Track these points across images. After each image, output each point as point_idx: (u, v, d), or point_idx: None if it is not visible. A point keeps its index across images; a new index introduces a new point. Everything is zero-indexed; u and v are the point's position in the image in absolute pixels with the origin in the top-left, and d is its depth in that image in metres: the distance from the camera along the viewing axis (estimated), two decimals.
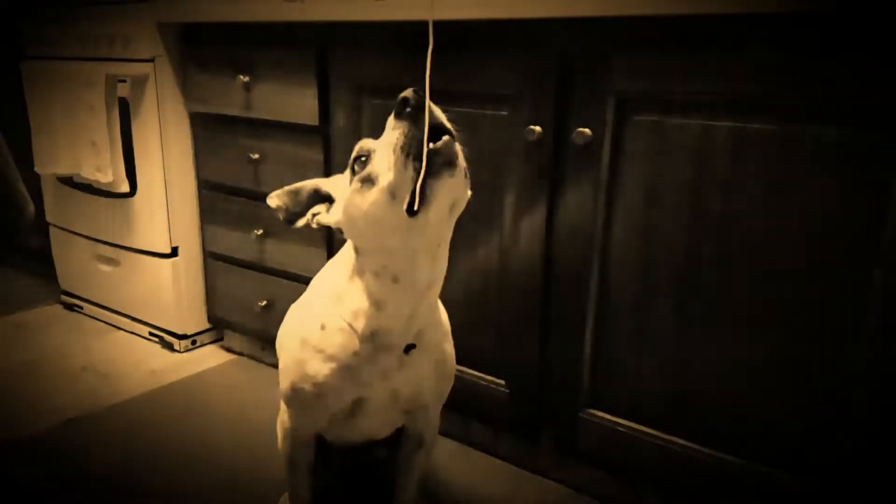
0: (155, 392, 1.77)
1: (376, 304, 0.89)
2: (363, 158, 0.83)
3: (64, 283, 2.32)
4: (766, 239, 1.05)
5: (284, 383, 0.99)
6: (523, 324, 1.32)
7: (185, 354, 2.00)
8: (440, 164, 0.76)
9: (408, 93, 0.76)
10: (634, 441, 1.23)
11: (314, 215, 0.94)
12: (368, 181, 0.81)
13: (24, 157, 1.98)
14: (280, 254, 1.73)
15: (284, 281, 1.74)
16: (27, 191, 1.19)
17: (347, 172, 0.87)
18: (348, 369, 0.93)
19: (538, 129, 1.21)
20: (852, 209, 0.97)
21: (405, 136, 0.77)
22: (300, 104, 1.57)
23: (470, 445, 1.51)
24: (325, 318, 0.94)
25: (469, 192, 0.86)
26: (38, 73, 1.99)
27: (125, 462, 1.45)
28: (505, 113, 1.26)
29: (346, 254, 0.95)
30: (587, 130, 1.16)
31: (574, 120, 1.18)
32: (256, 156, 1.69)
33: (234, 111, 1.71)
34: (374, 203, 0.81)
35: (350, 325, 0.91)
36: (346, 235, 0.91)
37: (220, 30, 1.71)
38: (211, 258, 1.94)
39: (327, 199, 0.95)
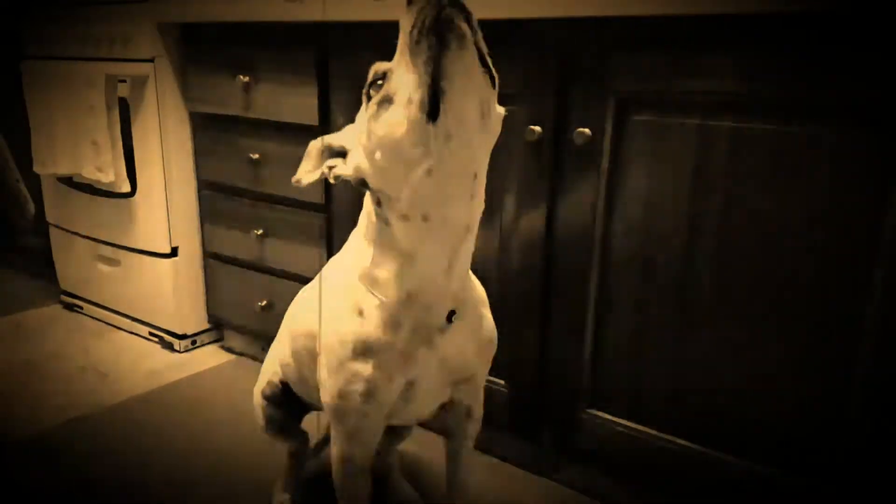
0: (155, 392, 1.77)
1: (407, 256, 0.79)
2: (379, 82, 0.73)
3: (64, 283, 2.32)
4: (766, 239, 1.05)
5: (330, 395, 0.88)
6: (523, 323, 1.33)
7: (184, 354, 1.99)
8: (453, 41, 0.66)
9: None
10: (634, 441, 1.23)
11: (330, 168, 0.83)
12: (387, 101, 0.71)
13: (24, 157, 1.99)
14: (280, 254, 1.73)
15: (284, 281, 1.74)
16: (27, 191, 1.19)
17: (363, 107, 0.77)
18: (395, 350, 0.84)
19: (538, 129, 1.21)
20: (852, 209, 0.97)
21: (420, 14, 0.66)
22: (300, 104, 1.57)
23: None
24: (359, 302, 0.84)
25: (496, 100, 0.75)
26: (38, 73, 1.99)
27: (125, 462, 1.45)
28: (505, 113, 1.26)
29: (358, 234, 0.87)
30: (587, 130, 1.16)
31: (574, 120, 1.18)
32: (256, 156, 1.69)
33: (234, 111, 1.71)
34: (393, 123, 0.70)
35: (383, 297, 0.82)
36: (368, 183, 0.79)
37: (220, 30, 1.71)
38: (211, 258, 1.94)
39: (341, 155, 0.85)
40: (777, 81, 1.00)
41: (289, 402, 1.17)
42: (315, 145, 0.86)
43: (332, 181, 0.83)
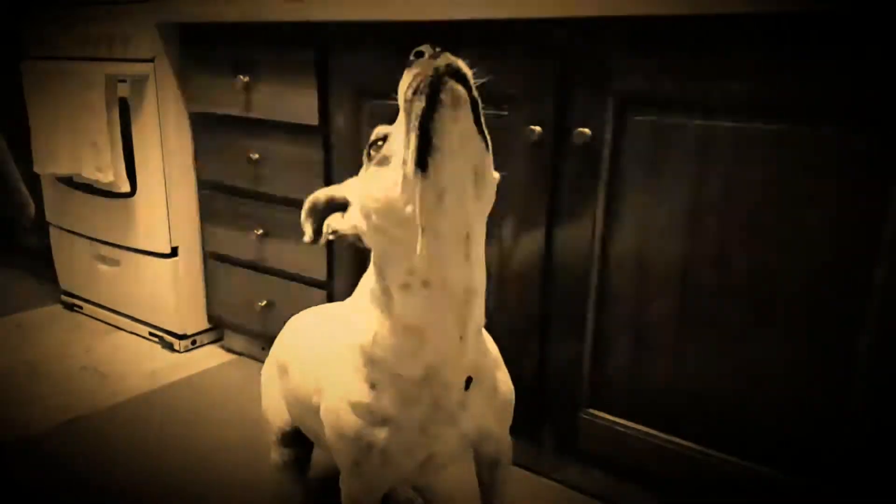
0: (155, 392, 1.77)
1: (415, 329, 0.77)
2: (379, 143, 0.73)
3: (64, 283, 2.32)
4: (766, 239, 1.05)
5: (345, 460, 0.87)
6: (523, 324, 1.32)
7: (185, 354, 1.99)
8: (446, 99, 0.66)
9: (423, 46, 0.68)
10: (634, 441, 1.23)
11: (332, 231, 0.83)
12: (384, 162, 0.72)
13: (24, 157, 1.98)
14: (280, 254, 1.73)
15: (284, 281, 1.74)
16: (27, 191, 1.19)
17: (363, 167, 0.78)
18: (414, 426, 0.82)
19: (538, 129, 1.21)
20: (852, 209, 0.97)
21: (416, 78, 0.67)
22: (300, 104, 1.57)
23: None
24: (370, 374, 0.82)
25: (492, 165, 0.75)
26: (39, 73, 1.99)
27: (125, 462, 1.45)
28: (505, 113, 1.26)
29: (363, 291, 0.85)
30: (587, 130, 1.16)
31: (574, 120, 1.18)
32: (256, 156, 1.69)
33: (234, 111, 1.71)
34: (388, 183, 0.70)
35: (397, 374, 0.80)
36: (364, 240, 0.80)
37: (220, 30, 1.70)
38: (211, 258, 1.94)
39: (343, 208, 0.84)
40: (778, 81, 1.00)
41: (302, 440, 1.15)
42: (315, 201, 0.84)
43: (331, 238, 0.83)
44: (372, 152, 0.74)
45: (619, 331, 1.22)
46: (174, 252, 1.93)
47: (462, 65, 0.69)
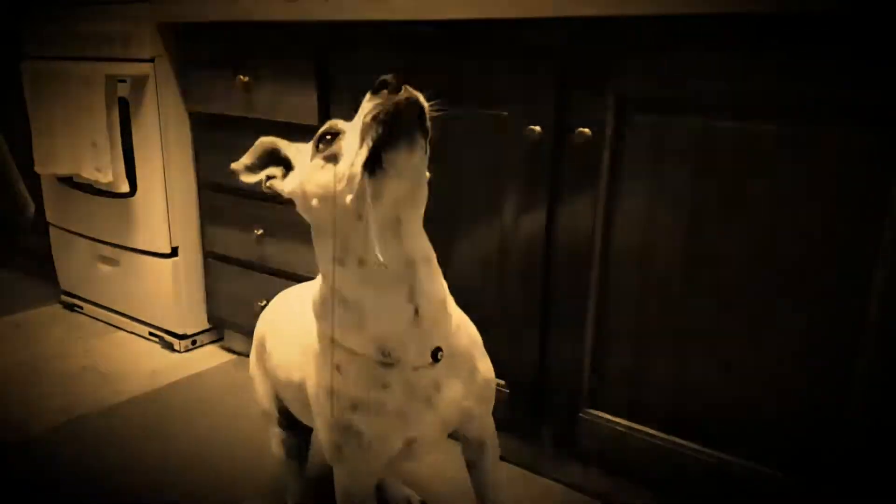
0: (155, 392, 1.77)
1: (355, 305, 0.80)
2: (329, 137, 0.78)
3: (64, 283, 2.32)
4: (766, 239, 1.05)
5: (329, 446, 0.88)
6: (523, 324, 1.32)
7: (185, 354, 2.00)
8: (402, 132, 0.71)
9: (388, 76, 0.72)
10: (634, 441, 1.23)
11: (269, 178, 0.87)
12: (332, 159, 0.76)
13: (25, 157, 1.98)
14: (280, 254, 1.73)
15: (284, 281, 1.74)
16: (27, 191, 1.19)
17: (310, 146, 0.81)
18: (388, 411, 0.84)
19: (538, 129, 1.21)
20: (852, 209, 0.97)
21: (377, 107, 0.71)
22: (300, 104, 1.57)
23: None
24: (334, 357, 0.84)
25: (427, 175, 0.79)
26: (38, 73, 1.99)
27: (125, 462, 1.45)
28: (505, 113, 1.26)
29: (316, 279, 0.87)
30: (587, 130, 1.16)
31: (574, 120, 1.18)
32: None
33: (234, 111, 1.71)
34: (335, 177, 0.75)
35: (352, 352, 0.82)
36: (298, 209, 0.84)
37: (221, 30, 1.70)
38: (211, 258, 1.94)
39: (284, 163, 0.87)
40: (778, 81, 1.00)
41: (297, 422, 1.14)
42: (263, 144, 0.89)
43: (265, 189, 0.87)
44: (321, 145, 0.78)
45: (619, 330, 1.22)
46: (174, 252, 1.93)
47: (421, 100, 0.72)
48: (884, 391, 0.98)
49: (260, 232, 1.75)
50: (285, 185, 0.85)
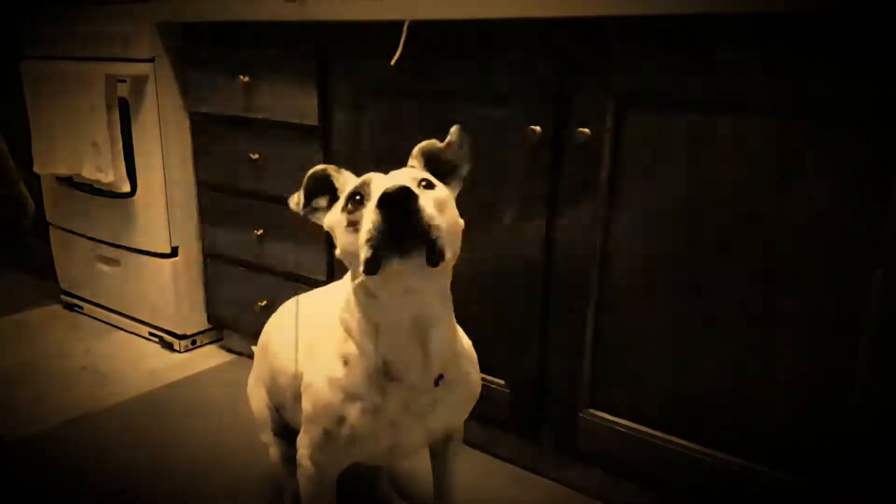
0: (155, 392, 1.77)
1: (372, 322, 0.85)
2: (358, 198, 0.79)
3: (64, 283, 2.32)
4: (766, 239, 1.05)
5: (315, 429, 0.92)
6: (523, 324, 1.32)
7: (184, 354, 2.00)
8: (395, 250, 0.73)
9: (391, 188, 0.71)
10: (634, 441, 1.23)
11: (314, 210, 0.90)
12: (353, 225, 0.78)
13: (25, 157, 1.99)
14: (280, 254, 1.73)
15: (284, 281, 1.74)
16: (27, 191, 1.19)
17: (342, 200, 0.83)
18: (380, 411, 0.88)
19: (538, 129, 1.21)
20: (852, 209, 0.97)
21: (375, 229, 0.73)
22: (300, 104, 1.57)
23: (470, 445, 1.51)
24: (343, 350, 0.89)
25: (461, 223, 0.85)
26: (38, 73, 1.99)
27: (125, 462, 1.45)
28: (505, 113, 1.26)
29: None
30: (587, 130, 1.16)
31: (574, 120, 1.18)
32: (256, 156, 1.69)
33: (234, 111, 1.71)
34: (354, 246, 0.77)
35: (364, 356, 0.87)
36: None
37: (221, 30, 1.70)
38: (211, 258, 1.94)
39: (331, 190, 0.89)
40: (777, 81, 1.00)
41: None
42: (315, 174, 0.89)
43: (309, 215, 0.90)
44: (350, 205, 0.80)
45: (619, 330, 1.22)
46: (174, 252, 1.93)
47: (425, 216, 0.73)
48: (884, 391, 0.98)
49: (260, 232, 1.75)
50: (325, 221, 0.89)
